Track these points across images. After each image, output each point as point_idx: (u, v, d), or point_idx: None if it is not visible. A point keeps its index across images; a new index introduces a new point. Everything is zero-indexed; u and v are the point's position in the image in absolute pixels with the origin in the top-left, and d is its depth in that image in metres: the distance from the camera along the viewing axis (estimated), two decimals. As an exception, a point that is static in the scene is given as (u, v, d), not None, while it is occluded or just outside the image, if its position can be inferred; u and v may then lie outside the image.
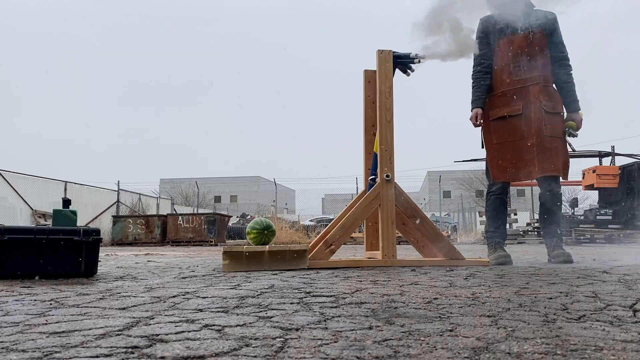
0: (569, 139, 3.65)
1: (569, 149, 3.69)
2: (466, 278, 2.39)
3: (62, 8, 77.66)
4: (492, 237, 3.79)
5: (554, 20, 3.70)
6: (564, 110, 3.71)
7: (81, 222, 9.88)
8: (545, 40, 3.68)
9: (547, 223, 3.73)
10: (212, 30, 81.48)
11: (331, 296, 1.72)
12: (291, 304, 1.54)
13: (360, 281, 2.25)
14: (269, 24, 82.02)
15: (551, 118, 3.59)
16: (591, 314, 1.33)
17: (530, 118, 3.55)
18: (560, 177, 3.63)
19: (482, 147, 3.84)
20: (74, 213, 2.64)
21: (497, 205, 3.82)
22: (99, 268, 2.83)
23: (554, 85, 3.71)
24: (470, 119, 3.77)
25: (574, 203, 15.97)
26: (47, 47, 77.27)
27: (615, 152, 17.00)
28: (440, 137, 77.17)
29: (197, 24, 78.53)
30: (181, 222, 14.27)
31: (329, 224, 3.60)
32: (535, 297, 1.66)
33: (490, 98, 3.75)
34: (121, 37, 77.52)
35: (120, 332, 1.10)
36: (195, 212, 22.23)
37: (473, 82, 3.79)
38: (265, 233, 3.17)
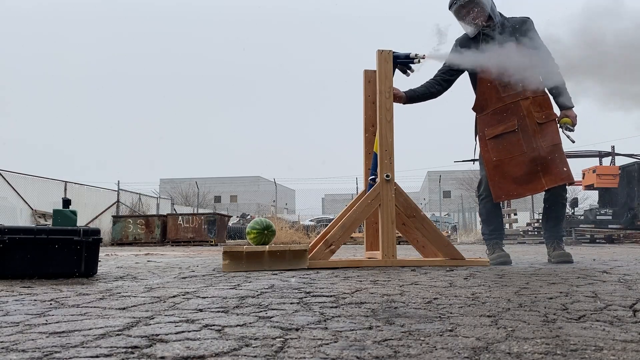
0: (567, 133, 3.61)
1: (569, 141, 3.65)
2: (466, 278, 2.39)
3: (71, 10, 77.71)
4: (490, 239, 3.79)
5: (530, 25, 3.60)
6: (557, 112, 3.64)
7: (81, 222, 9.87)
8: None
9: (549, 223, 3.73)
10: (212, 32, 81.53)
11: (331, 296, 1.72)
12: (291, 304, 1.54)
13: (360, 281, 2.25)
14: (268, 25, 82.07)
15: (545, 128, 3.54)
16: (591, 314, 1.33)
17: (527, 132, 3.52)
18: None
19: (474, 162, 3.79)
20: (74, 213, 2.64)
21: (489, 208, 3.81)
22: (99, 268, 2.83)
23: (545, 89, 3.61)
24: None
25: (574, 203, 15.96)
26: (47, 48, 77.34)
27: (615, 152, 16.99)
28: (440, 137, 77.22)
29: (196, 26, 78.60)
30: (181, 222, 14.26)
31: (329, 224, 3.60)
32: (535, 297, 1.66)
33: (483, 117, 3.71)
34: (119, 38, 77.59)
35: (120, 332, 1.10)
36: (195, 212, 22.20)
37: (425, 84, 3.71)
38: (265, 233, 3.17)
